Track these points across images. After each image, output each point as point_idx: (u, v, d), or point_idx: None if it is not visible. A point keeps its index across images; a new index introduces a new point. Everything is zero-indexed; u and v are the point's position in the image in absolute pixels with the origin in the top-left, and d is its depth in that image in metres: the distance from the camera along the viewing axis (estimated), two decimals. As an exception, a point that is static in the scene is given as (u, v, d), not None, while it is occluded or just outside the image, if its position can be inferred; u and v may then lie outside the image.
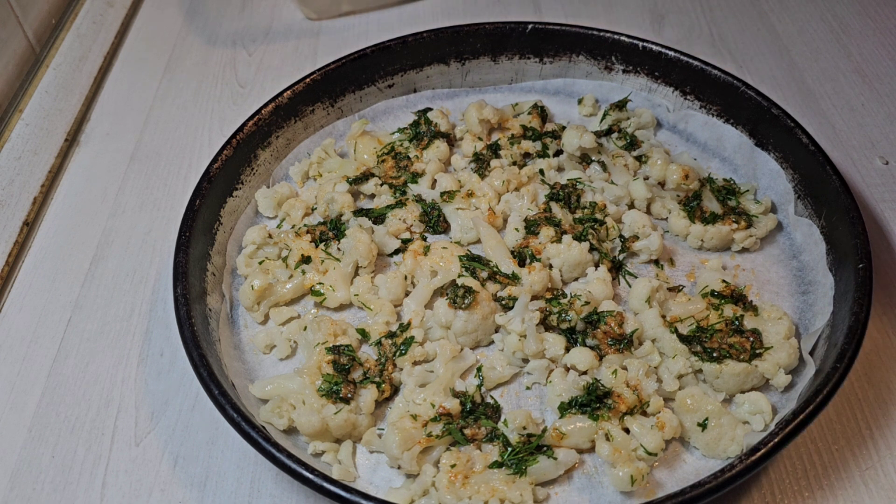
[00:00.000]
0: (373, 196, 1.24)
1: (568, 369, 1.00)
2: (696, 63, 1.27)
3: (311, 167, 1.27)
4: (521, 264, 1.10)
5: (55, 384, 1.06)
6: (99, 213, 1.28)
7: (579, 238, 1.11)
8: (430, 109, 1.31)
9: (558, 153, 1.28)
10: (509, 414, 0.94)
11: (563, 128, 1.30)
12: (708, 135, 1.28)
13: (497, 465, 0.90)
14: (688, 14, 1.59)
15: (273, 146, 1.25)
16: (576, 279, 1.12)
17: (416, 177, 1.24)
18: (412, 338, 1.03)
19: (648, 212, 1.19)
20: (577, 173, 1.22)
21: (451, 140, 1.31)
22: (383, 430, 0.95)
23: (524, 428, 0.93)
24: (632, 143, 1.27)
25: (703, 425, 0.92)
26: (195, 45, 1.59)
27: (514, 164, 1.25)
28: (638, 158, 1.25)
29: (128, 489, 0.96)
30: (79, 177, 1.34)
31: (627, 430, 0.92)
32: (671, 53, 1.28)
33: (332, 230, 1.16)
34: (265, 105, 1.23)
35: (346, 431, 0.95)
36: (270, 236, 1.16)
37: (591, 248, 1.11)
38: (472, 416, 0.96)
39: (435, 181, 1.23)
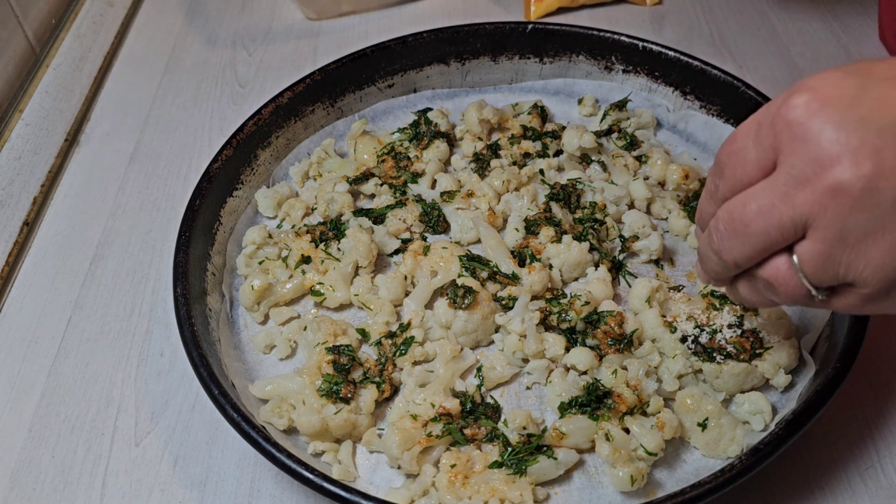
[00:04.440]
0: (373, 196, 1.24)
1: (568, 369, 1.00)
2: (696, 63, 1.27)
3: (311, 167, 1.27)
4: (521, 264, 1.10)
5: (55, 384, 1.06)
6: (99, 213, 1.28)
7: (579, 238, 1.11)
8: (430, 109, 1.31)
9: (558, 153, 1.28)
10: (509, 414, 0.94)
11: (563, 128, 1.30)
12: (708, 135, 1.28)
13: (497, 465, 0.90)
14: (688, 14, 1.59)
15: (273, 146, 1.25)
16: (576, 279, 1.12)
17: (416, 177, 1.24)
18: (412, 338, 1.03)
19: (648, 212, 1.19)
20: (577, 173, 1.22)
21: (451, 140, 1.31)
22: (383, 430, 0.95)
23: (524, 428, 0.93)
24: (632, 143, 1.27)
25: (703, 425, 0.92)
26: (195, 45, 1.59)
27: (514, 164, 1.25)
28: (638, 158, 1.25)
29: (128, 489, 0.96)
30: (79, 177, 1.34)
31: (627, 430, 0.92)
32: (671, 53, 1.28)
33: (332, 230, 1.16)
34: (265, 105, 1.23)
35: (346, 431, 0.95)
36: (270, 236, 1.16)
37: (591, 248, 1.11)
38: (472, 416, 0.96)
39: (435, 181, 1.23)
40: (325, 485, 0.83)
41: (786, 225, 0.66)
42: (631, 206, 1.19)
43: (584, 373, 0.99)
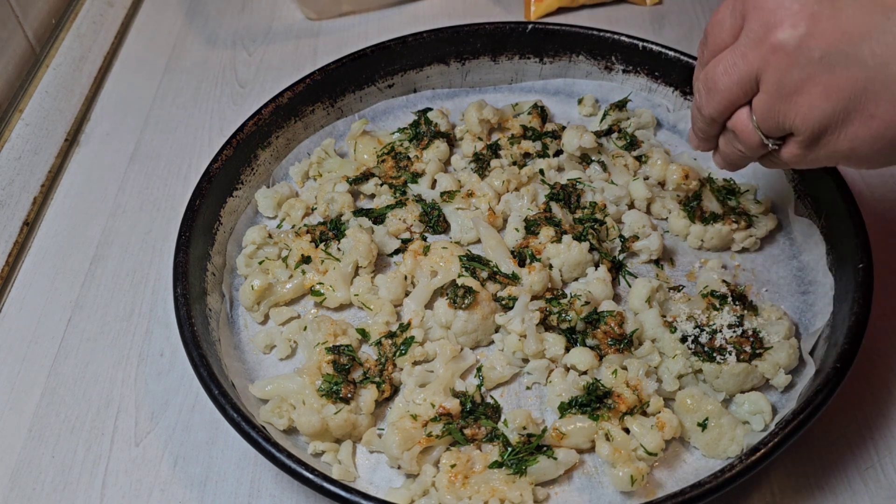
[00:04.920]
0: (373, 196, 1.24)
1: (568, 369, 1.00)
2: (696, 63, 1.26)
3: (311, 167, 1.27)
4: (521, 264, 1.10)
5: (55, 384, 1.06)
6: (99, 213, 1.28)
7: (579, 238, 1.11)
8: (430, 109, 1.31)
9: (558, 153, 1.28)
10: (509, 414, 0.95)
11: (563, 128, 1.30)
12: (708, 135, 1.28)
13: (497, 465, 0.90)
14: (688, 14, 1.59)
15: (273, 146, 1.25)
16: (576, 279, 1.12)
17: (416, 177, 1.24)
18: (412, 338, 1.03)
19: (648, 212, 1.19)
20: (577, 173, 1.22)
21: (451, 140, 1.31)
22: (383, 430, 0.95)
23: (524, 428, 0.93)
24: (632, 143, 1.27)
25: (703, 425, 0.92)
26: (195, 45, 1.59)
27: (514, 164, 1.25)
28: (638, 158, 1.25)
29: (128, 489, 0.96)
30: (79, 177, 1.34)
31: (627, 430, 0.92)
32: (671, 53, 1.28)
33: (332, 230, 1.16)
34: (265, 105, 1.23)
35: (346, 431, 0.95)
36: (270, 236, 1.16)
37: (591, 248, 1.11)
38: (472, 416, 0.96)
39: (435, 181, 1.23)
40: (325, 485, 0.83)
41: (744, 80, 0.79)
42: (631, 206, 1.19)
43: (584, 373, 0.99)
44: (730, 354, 0.98)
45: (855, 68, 0.72)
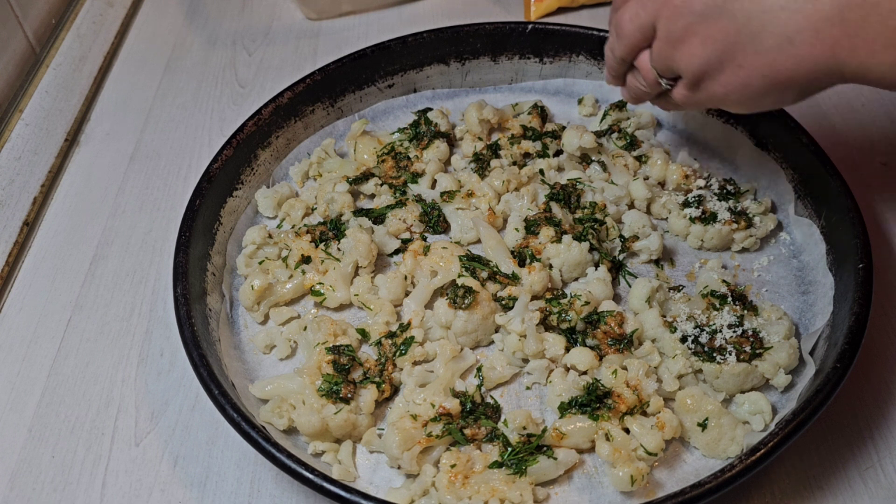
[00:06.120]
0: (373, 196, 1.24)
1: (568, 369, 1.00)
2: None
3: (311, 167, 1.27)
4: (521, 264, 1.10)
5: (55, 384, 1.06)
6: (99, 213, 1.28)
7: (579, 238, 1.11)
8: (430, 109, 1.31)
9: (558, 153, 1.28)
10: (509, 414, 0.94)
11: (563, 128, 1.30)
12: (708, 135, 1.28)
13: (497, 465, 0.90)
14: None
15: (273, 146, 1.25)
16: (576, 279, 1.12)
17: (416, 177, 1.24)
18: (412, 338, 1.03)
19: (648, 212, 1.19)
20: (577, 173, 1.22)
21: (451, 140, 1.31)
22: (383, 430, 0.95)
23: (524, 428, 0.93)
24: (632, 143, 1.27)
25: (703, 425, 0.92)
26: (195, 45, 1.60)
27: (514, 164, 1.25)
28: (638, 158, 1.25)
29: (128, 489, 0.96)
30: (79, 177, 1.34)
31: (627, 430, 0.92)
32: (671, 53, 1.28)
33: (332, 230, 1.16)
34: (265, 105, 1.23)
35: (346, 431, 0.95)
36: (270, 236, 1.16)
37: (591, 248, 1.11)
38: (472, 416, 0.96)
39: (435, 181, 1.23)
40: (325, 485, 0.83)
41: (643, 27, 0.92)
42: (631, 206, 1.19)
43: (584, 373, 0.99)
44: (730, 354, 0.98)
45: (726, 20, 0.83)
